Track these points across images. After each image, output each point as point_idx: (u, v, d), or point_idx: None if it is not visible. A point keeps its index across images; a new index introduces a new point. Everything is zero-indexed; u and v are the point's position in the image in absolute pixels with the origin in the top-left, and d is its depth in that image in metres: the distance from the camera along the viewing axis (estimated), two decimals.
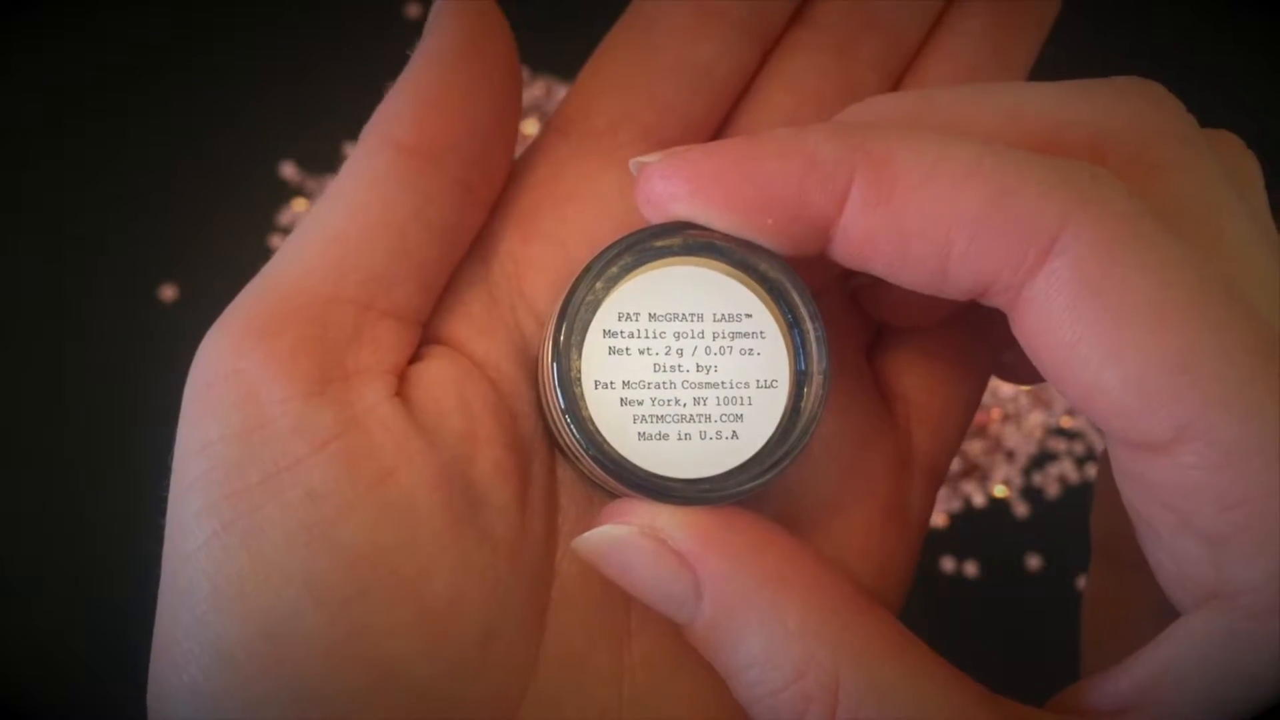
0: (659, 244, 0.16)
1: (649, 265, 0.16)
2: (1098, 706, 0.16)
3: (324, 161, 0.41)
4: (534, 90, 0.42)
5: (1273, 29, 0.42)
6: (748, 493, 0.16)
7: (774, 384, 0.16)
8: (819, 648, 0.15)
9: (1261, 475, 0.14)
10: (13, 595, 0.36)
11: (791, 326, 0.17)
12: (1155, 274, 0.14)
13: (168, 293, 0.39)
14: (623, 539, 0.16)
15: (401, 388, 0.17)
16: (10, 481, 0.37)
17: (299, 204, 0.41)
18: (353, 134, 0.41)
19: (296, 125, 0.41)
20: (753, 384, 0.16)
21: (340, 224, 0.17)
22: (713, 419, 0.16)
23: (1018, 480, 0.40)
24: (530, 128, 0.42)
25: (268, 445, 0.16)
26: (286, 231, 0.40)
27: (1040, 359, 0.15)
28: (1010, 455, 0.40)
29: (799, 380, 0.16)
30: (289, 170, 0.41)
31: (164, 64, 0.41)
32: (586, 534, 0.16)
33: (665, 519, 0.16)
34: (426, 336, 0.18)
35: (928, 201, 0.15)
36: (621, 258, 0.16)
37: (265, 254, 0.41)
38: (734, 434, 0.16)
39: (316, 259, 0.17)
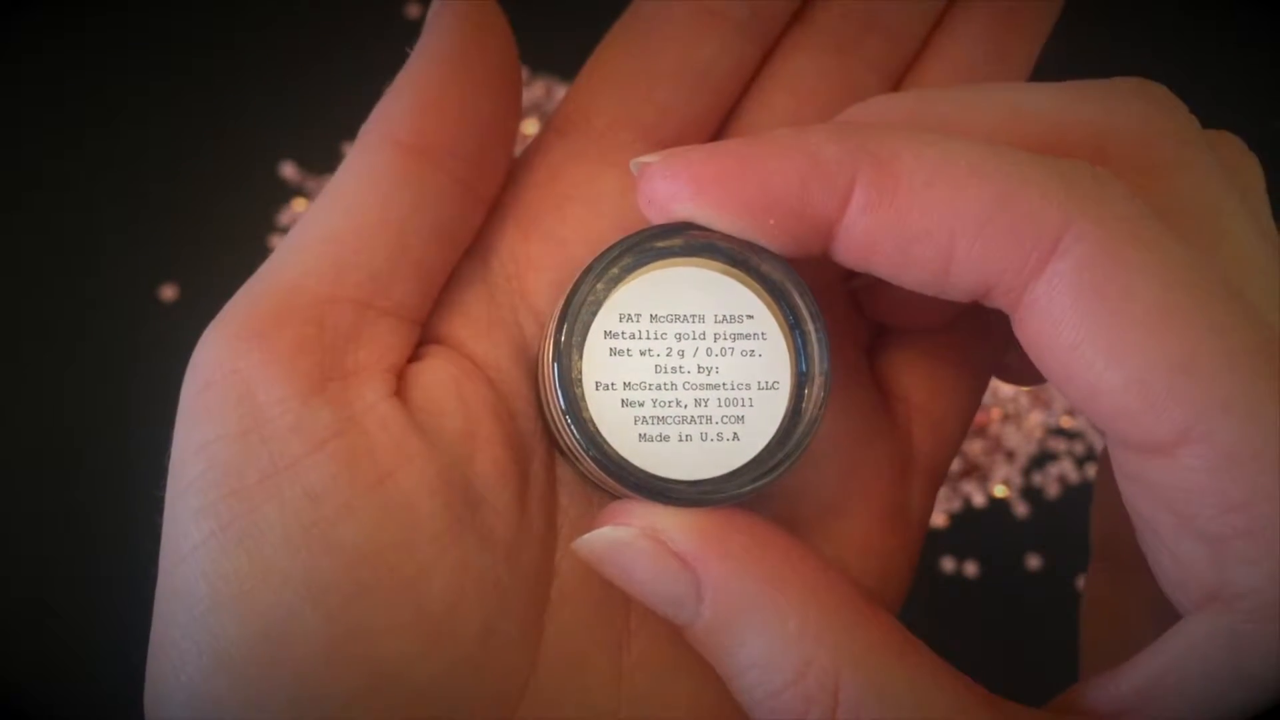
0: (660, 245, 0.16)
1: (650, 266, 0.16)
2: (1098, 708, 0.16)
3: (324, 161, 0.41)
4: (534, 90, 0.42)
5: (1275, 28, 0.42)
6: (749, 494, 0.16)
7: (775, 385, 0.16)
8: (819, 649, 0.15)
9: (1263, 478, 0.14)
10: (13, 595, 0.36)
11: (793, 327, 0.17)
12: (1157, 276, 0.14)
13: (168, 293, 0.39)
14: (623, 540, 0.16)
15: (400, 387, 0.17)
16: (10, 481, 0.37)
17: (299, 204, 0.41)
18: (352, 134, 0.41)
19: (296, 125, 0.41)
20: (754, 385, 0.16)
21: (338, 223, 0.17)
22: (714, 420, 0.16)
23: (1018, 480, 0.40)
24: (530, 128, 0.42)
25: (266, 445, 0.16)
26: (286, 232, 0.40)
27: (1043, 360, 0.15)
28: (1010, 455, 0.40)
29: (800, 381, 0.17)
30: (289, 170, 0.41)
31: (164, 64, 0.41)
32: (586, 535, 0.16)
33: (666, 520, 0.16)
34: (425, 336, 0.18)
35: (931, 203, 0.15)
36: (622, 258, 0.16)
37: (265, 254, 0.40)
38: (735, 435, 0.16)
39: (314, 258, 0.17)
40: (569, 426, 0.16)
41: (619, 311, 0.16)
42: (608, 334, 0.16)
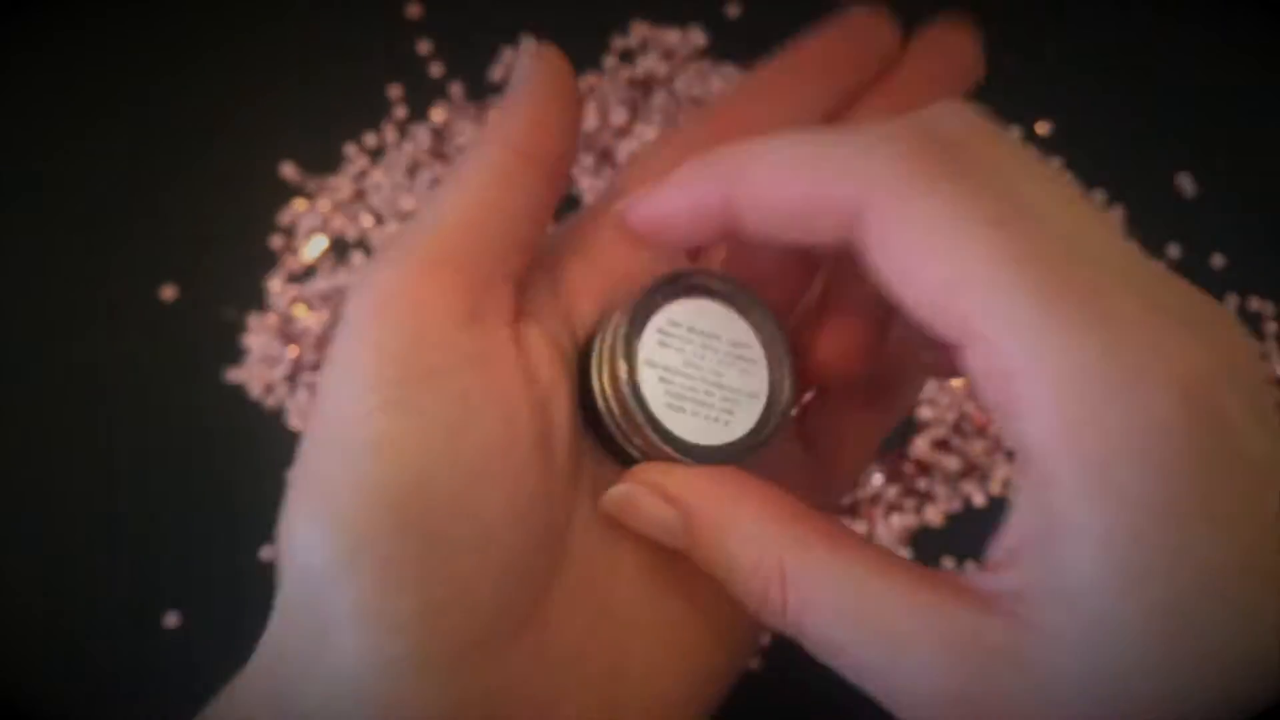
0: (694, 283, 0.23)
1: (689, 296, 0.23)
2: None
3: (324, 161, 0.41)
4: None
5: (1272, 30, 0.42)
6: (733, 462, 0.23)
7: (756, 396, 0.23)
8: (768, 543, 0.20)
9: (1024, 344, 0.17)
10: (13, 595, 0.36)
11: (770, 359, 0.24)
12: (936, 209, 0.18)
13: (168, 293, 0.39)
14: (635, 491, 0.22)
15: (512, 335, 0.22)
16: (10, 481, 0.37)
17: (299, 204, 0.41)
18: (353, 134, 0.41)
19: (296, 125, 0.41)
20: (743, 392, 0.23)
21: (470, 205, 0.22)
22: (715, 408, 0.23)
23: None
24: None
25: (430, 351, 0.20)
26: (286, 232, 0.40)
27: (883, 288, 0.19)
28: (1010, 455, 0.40)
29: (772, 397, 0.23)
30: (289, 170, 0.41)
31: (164, 64, 0.41)
32: (610, 490, 0.22)
33: (662, 476, 0.22)
34: None
35: (775, 193, 0.20)
36: (673, 284, 0.23)
37: (265, 254, 0.41)
38: (726, 423, 0.23)
39: (457, 228, 0.22)
40: (629, 385, 0.22)
41: (669, 318, 0.23)
42: (659, 330, 0.23)
